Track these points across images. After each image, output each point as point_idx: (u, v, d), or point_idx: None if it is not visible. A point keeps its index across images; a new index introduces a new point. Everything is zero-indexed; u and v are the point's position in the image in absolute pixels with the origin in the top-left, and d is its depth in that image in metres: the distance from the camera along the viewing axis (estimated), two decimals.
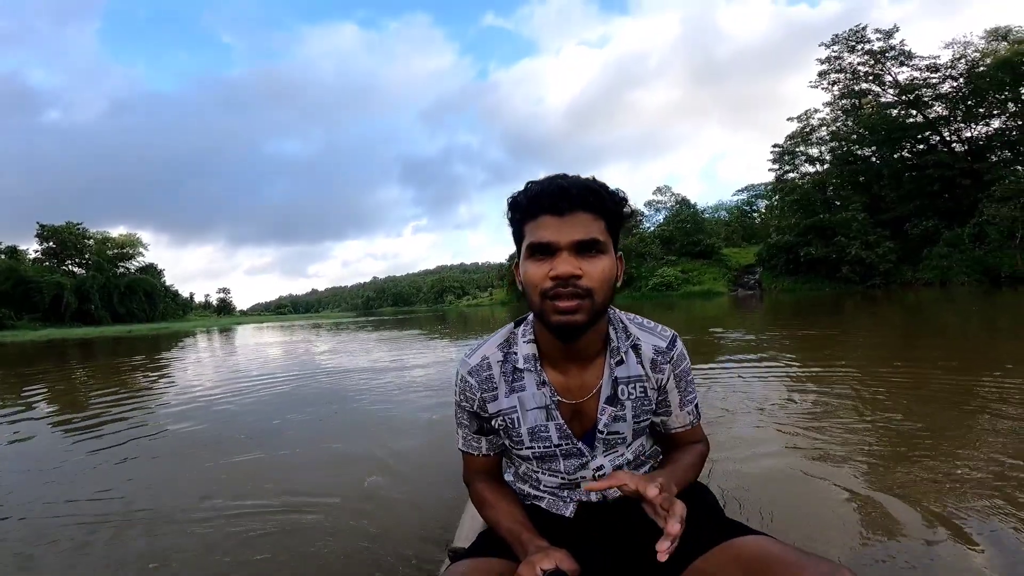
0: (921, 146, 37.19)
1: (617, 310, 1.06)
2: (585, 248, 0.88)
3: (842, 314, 13.12)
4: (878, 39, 37.67)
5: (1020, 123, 33.78)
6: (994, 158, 33.38)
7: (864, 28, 37.87)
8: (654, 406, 1.07)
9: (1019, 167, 32.00)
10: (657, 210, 57.31)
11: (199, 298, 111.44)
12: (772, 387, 4.40)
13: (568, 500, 1.08)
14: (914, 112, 36.23)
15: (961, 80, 34.56)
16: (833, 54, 39.98)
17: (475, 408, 1.06)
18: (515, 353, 1.04)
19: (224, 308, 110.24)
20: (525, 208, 0.92)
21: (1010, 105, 33.61)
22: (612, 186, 0.94)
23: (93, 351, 15.56)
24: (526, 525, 0.97)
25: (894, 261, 31.90)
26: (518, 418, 1.03)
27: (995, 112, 34.31)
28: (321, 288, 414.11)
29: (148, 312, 60.05)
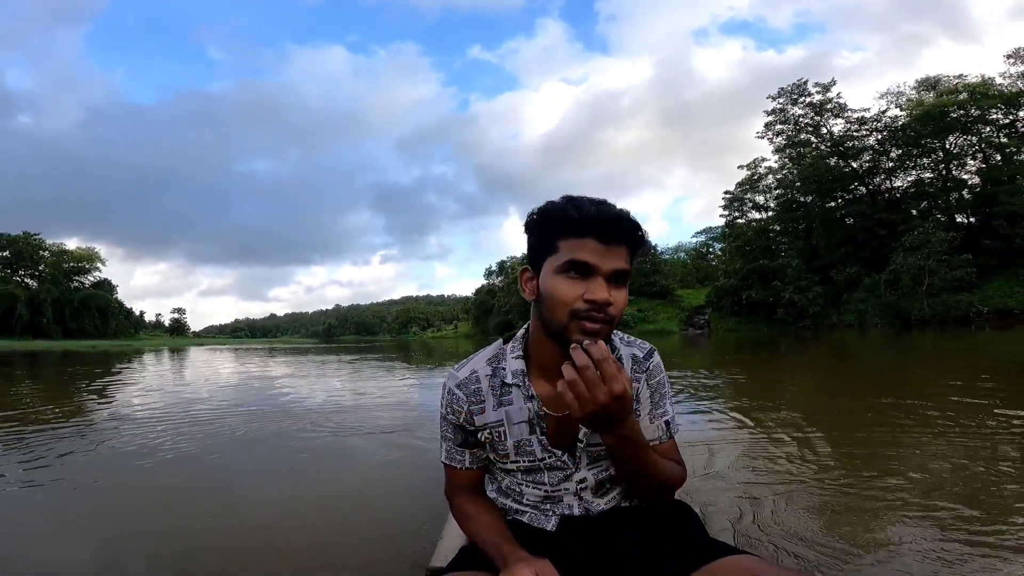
0: (849, 196, 40.74)
1: None
2: (618, 278, 0.93)
3: (775, 350, 15.32)
4: (817, 92, 40.68)
5: (935, 175, 37.84)
6: (914, 211, 36.97)
7: (806, 82, 40.96)
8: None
9: (940, 216, 35.90)
10: None
11: (149, 317, 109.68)
12: (727, 403, 5.07)
13: (550, 514, 1.10)
14: (843, 163, 39.76)
15: (885, 133, 38.31)
16: (778, 106, 42.60)
17: (461, 421, 1.09)
18: (503, 368, 1.07)
19: (177, 329, 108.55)
20: (572, 224, 0.93)
21: (931, 156, 37.43)
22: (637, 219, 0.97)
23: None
24: (507, 537, 1.00)
25: (821, 305, 35.25)
26: (504, 431, 1.07)
27: (911, 165, 38.22)
28: (280, 313, 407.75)
29: (100, 329, 59.71)
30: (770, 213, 47.46)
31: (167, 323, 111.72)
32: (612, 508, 1.10)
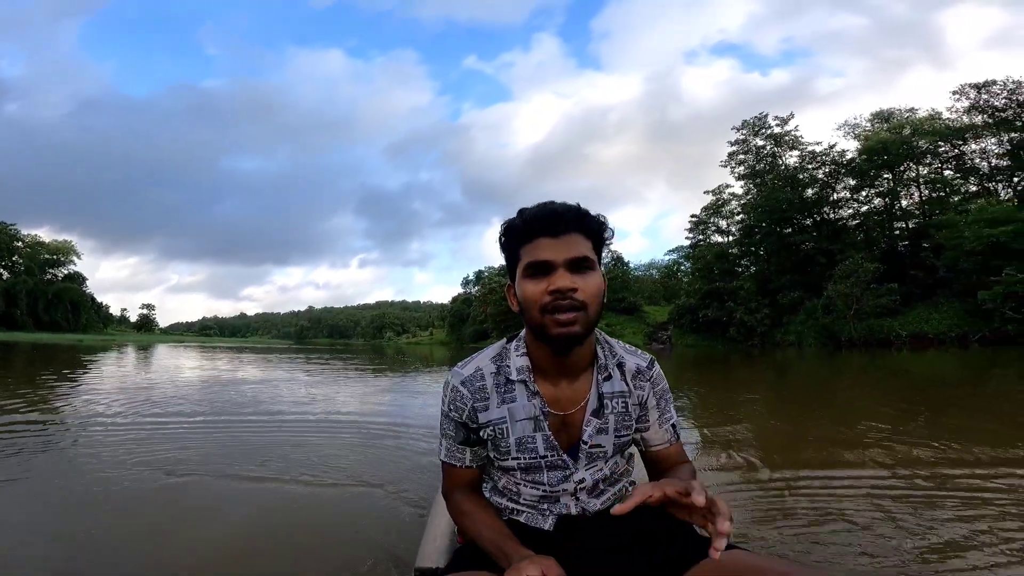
0: (799, 225, 44.34)
1: (602, 332, 1.18)
2: (578, 265, 1.00)
3: (726, 364, 17.89)
4: (777, 125, 44.84)
5: (880, 206, 41.63)
6: (860, 237, 40.74)
7: (766, 116, 45.30)
8: (634, 422, 1.18)
9: (883, 244, 39.33)
10: None
11: (114, 311, 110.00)
12: (696, 407, 5.57)
13: (548, 513, 1.15)
14: (794, 194, 43.26)
15: (832, 167, 42.29)
16: (741, 137, 46.70)
17: (464, 418, 1.13)
18: (508, 366, 1.13)
19: (145, 325, 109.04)
20: (522, 231, 1.04)
21: (876, 188, 41.20)
22: (593, 211, 1.06)
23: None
24: (508, 535, 1.03)
25: (768, 325, 38.95)
26: (507, 428, 1.11)
27: (857, 197, 42.27)
28: (251, 312, 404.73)
29: (71, 322, 60.99)
30: (731, 237, 51.32)
31: (133, 318, 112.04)
32: (607, 508, 1.16)
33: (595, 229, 1.05)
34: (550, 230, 1.01)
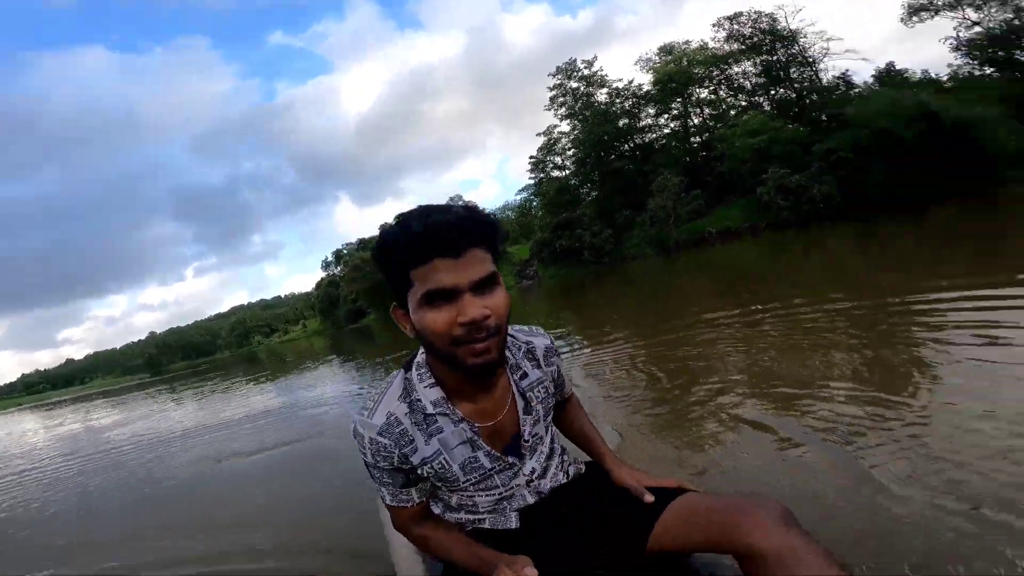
0: (619, 152, 52.33)
1: None
2: (485, 284, 0.93)
3: (583, 287, 20.75)
4: (584, 67, 52.28)
5: (678, 127, 50.31)
6: (666, 156, 49.04)
7: (575, 61, 52.62)
8: (552, 398, 1.25)
9: (687, 158, 47.64)
10: None
11: None
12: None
13: (509, 512, 1.18)
14: (610, 126, 51.03)
15: (633, 100, 50.68)
16: (558, 82, 53.56)
17: (396, 464, 1.10)
18: (419, 400, 1.09)
19: None
20: (411, 251, 0.91)
21: (669, 114, 50.06)
22: (486, 211, 1.00)
23: None
24: (479, 545, 1.10)
25: (613, 244, 45.77)
26: (446, 459, 1.10)
27: (658, 124, 51.22)
28: (79, 356, 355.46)
29: None
30: (567, 171, 57.72)
31: None
32: (560, 486, 1.23)
33: (493, 238, 0.98)
34: (450, 250, 0.90)
